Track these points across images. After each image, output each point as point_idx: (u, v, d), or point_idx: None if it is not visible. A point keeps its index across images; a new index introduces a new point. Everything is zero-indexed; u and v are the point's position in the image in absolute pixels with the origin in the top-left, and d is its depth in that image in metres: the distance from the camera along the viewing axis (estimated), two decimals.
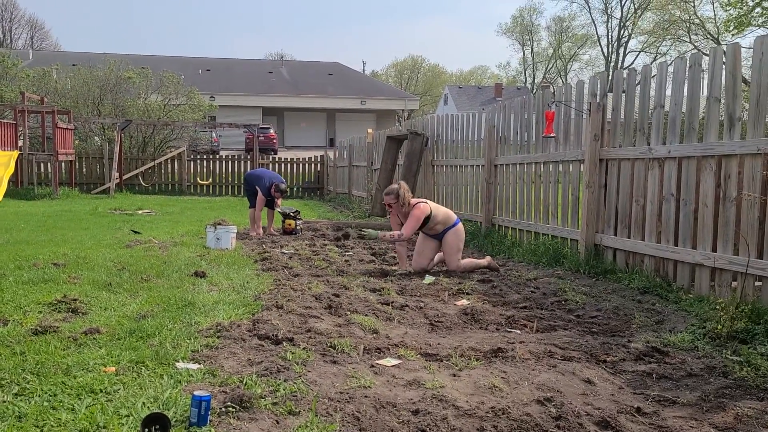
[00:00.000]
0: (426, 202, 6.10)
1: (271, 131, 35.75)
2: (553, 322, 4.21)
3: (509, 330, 4.05)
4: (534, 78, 69.11)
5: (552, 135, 6.40)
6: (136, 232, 8.61)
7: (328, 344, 3.52)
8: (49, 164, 17.29)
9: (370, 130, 14.54)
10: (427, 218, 5.96)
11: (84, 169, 18.75)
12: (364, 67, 68.05)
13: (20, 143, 16.52)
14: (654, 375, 3.18)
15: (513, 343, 3.66)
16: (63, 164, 17.43)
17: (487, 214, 8.12)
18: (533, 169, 7.19)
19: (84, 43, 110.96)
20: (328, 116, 46.68)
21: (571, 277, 5.73)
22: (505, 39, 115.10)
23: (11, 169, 15.32)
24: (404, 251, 6.13)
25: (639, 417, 2.65)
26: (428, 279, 5.67)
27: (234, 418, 2.49)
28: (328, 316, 4.24)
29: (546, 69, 68.48)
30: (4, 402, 2.54)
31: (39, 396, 2.62)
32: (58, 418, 2.41)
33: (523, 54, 70.64)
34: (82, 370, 2.94)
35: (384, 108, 46.07)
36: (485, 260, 6.22)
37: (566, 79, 63.71)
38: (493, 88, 61.87)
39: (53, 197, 15.39)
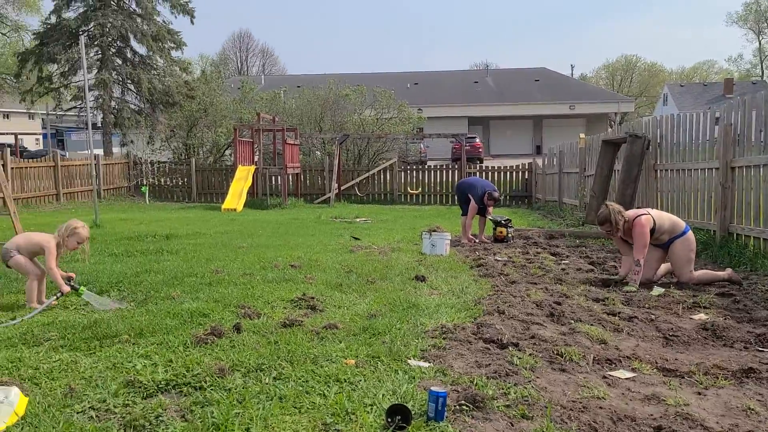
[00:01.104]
0: (647, 213, 5.68)
1: (477, 140, 36.00)
2: None
3: (761, 349, 3.62)
4: None
5: None
6: (356, 238, 9.20)
7: (555, 352, 3.45)
8: (278, 177, 19.23)
9: (582, 135, 13.96)
10: (652, 230, 5.56)
11: (307, 181, 20.51)
12: (572, 70, 65.58)
13: (256, 158, 18.62)
14: None
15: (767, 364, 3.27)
16: (290, 177, 19.25)
17: (723, 222, 7.34)
18: None
19: (306, 66, 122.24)
20: (534, 123, 45.80)
21: None
22: (736, 29, 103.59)
23: (249, 182, 17.40)
24: (631, 261, 5.76)
25: None
26: (657, 290, 5.28)
27: (468, 416, 2.55)
28: (550, 323, 4.15)
29: None
30: (267, 384, 2.88)
31: (294, 381, 2.92)
32: (312, 402, 2.67)
33: (759, 44, 63.08)
34: (327, 360, 3.22)
35: (594, 112, 43.98)
36: (725, 272, 5.63)
37: None
38: (722, 84, 55.92)
39: (282, 207, 17.07)
